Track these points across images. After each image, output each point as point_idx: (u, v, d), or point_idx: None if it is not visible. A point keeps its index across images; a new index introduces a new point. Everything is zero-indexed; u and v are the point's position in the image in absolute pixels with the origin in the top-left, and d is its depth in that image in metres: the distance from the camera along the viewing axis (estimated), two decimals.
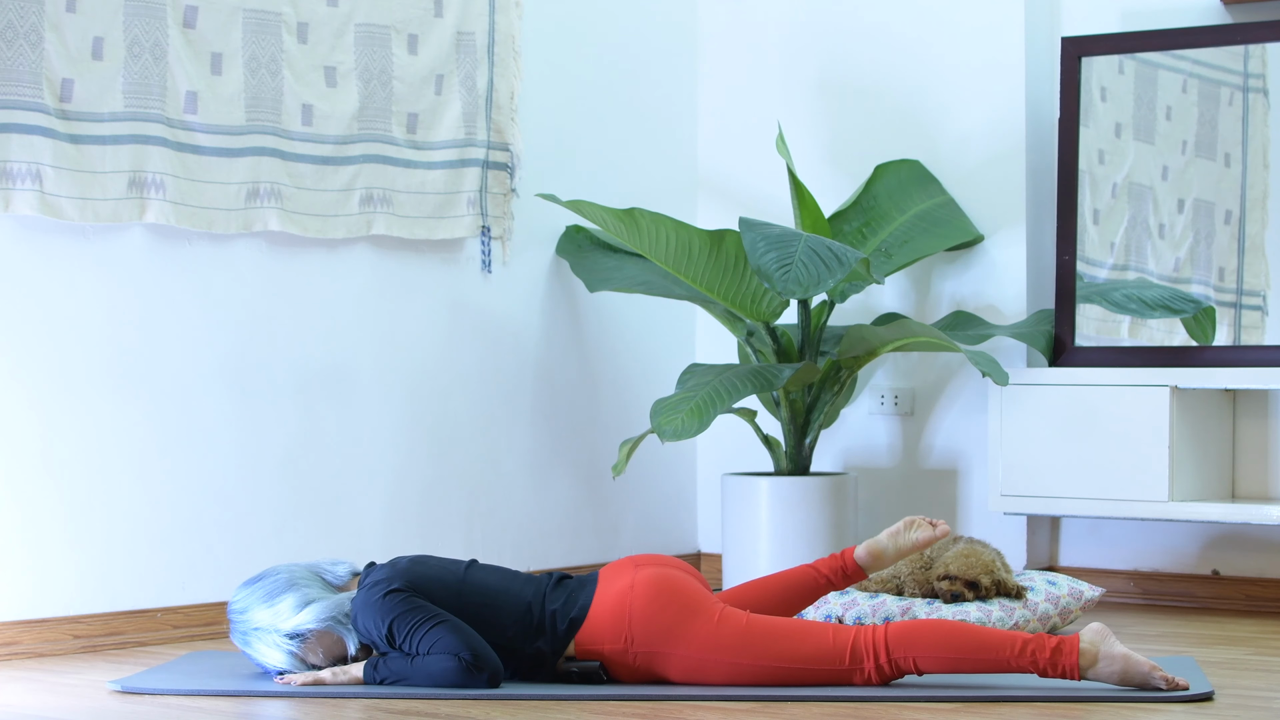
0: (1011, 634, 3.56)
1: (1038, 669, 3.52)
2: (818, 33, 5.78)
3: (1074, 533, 5.44)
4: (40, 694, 3.75)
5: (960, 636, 3.57)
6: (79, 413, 4.37)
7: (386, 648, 3.67)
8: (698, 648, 3.64)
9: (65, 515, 4.34)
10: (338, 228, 4.86)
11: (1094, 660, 3.53)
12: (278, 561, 4.74)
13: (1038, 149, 5.45)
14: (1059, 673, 3.52)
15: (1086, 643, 3.53)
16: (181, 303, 4.58)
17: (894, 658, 3.58)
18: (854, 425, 5.69)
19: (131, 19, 4.41)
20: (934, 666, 3.58)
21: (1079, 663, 3.51)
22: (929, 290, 5.58)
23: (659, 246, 5.12)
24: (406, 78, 5.00)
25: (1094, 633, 3.55)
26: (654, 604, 3.67)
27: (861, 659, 3.59)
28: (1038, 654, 3.52)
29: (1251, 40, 5.14)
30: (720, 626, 3.65)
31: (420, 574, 3.72)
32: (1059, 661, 3.51)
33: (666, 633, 3.65)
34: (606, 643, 3.67)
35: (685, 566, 3.82)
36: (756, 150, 5.82)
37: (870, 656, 3.59)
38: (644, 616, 3.66)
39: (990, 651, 3.54)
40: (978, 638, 3.56)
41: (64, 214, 4.30)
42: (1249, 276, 5.18)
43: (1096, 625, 3.57)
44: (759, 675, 3.63)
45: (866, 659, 3.59)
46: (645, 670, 3.68)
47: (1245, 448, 5.19)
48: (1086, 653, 3.52)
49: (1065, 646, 3.52)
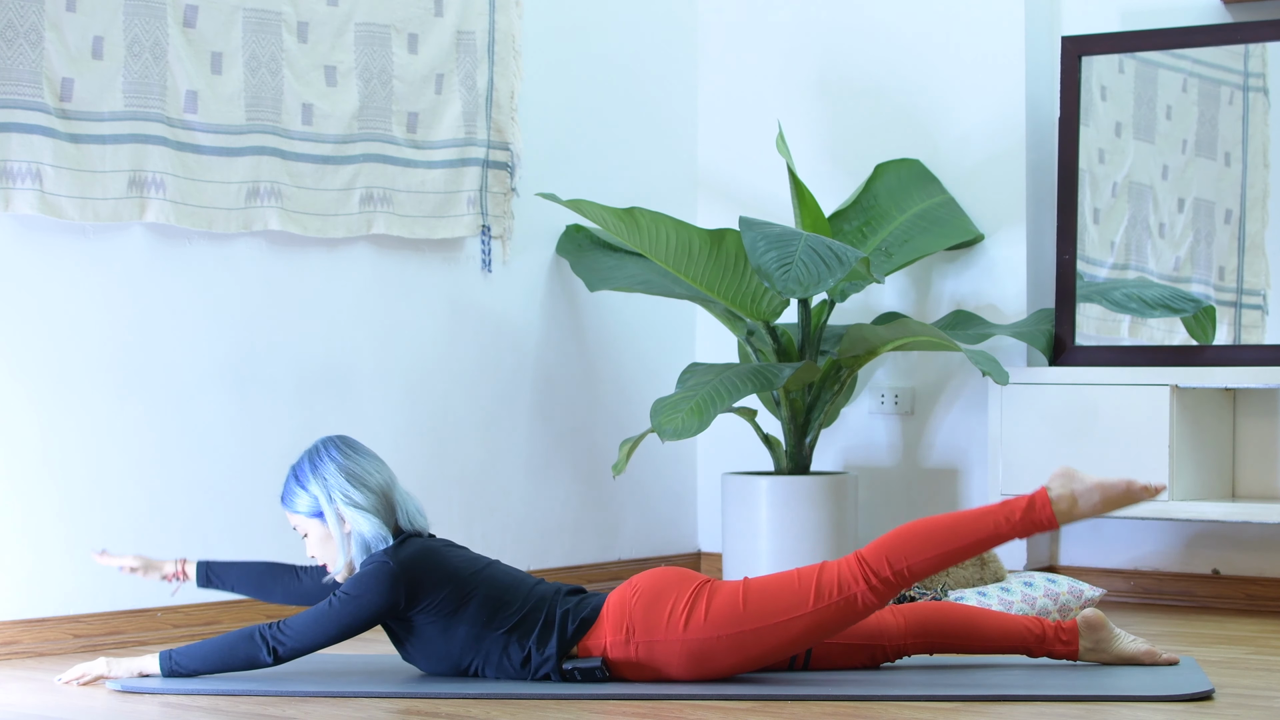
0: (982, 512, 3.61)
1: (1018, 532, 3.59)
2: (818, 31, 5.78)
3: (1074, 532, 5.43)
4: (40, 693, 3.75)
5: (938, 532, 3.62)
6: (79, 412, 4.37)
7: None
8: (697, 628, 3.63)
9: (65, 514, 4.34)
10: (338, 227, 4.86)
11: (1073, 502, 3.58)
12: (276, 559, 4.75)
13: (1038, 148, 5.45)
14: (1040, 526, 3.58)
15: (1055, 490, 3.59)
16: (181, 302, 4.58)
17: (882, 575, 3.61)
18: (854, 424, 5.69)
19: (131, 18, 4.41)
20: (926, 569, 3.63)
21: (1053, 511, 3.58)
22: (929, 289, 5.58)
23: (659, 246, 5.12)
24: (407, 77, 5.00)
25: (1058, 479, 3.61)
26: (651, 590, 3.67)
27: (850, 585, 3.61)
28: (1011, 519, 3.58)
29: (1252, 39, 5.14)
30: (714, 599, 3.65)
31: (429, 562, 3.71)
32: (1034, 517, 3.58)
33: (666, 619, 3.64)
34: (609, 635, 3.66)
35: None
36: (756, 149, 5.81)
37: (860, 580, 3.61)
38: (644, 604, 3.65)
39: (968, 536, 3.60)
40: (953, 527, 3.61)
41: (64, 213, 4.30)
42: (1249, 275, 5.18)
43: (1057, 470, 3.61)
44: (764, 643, 3.63)
45: (855, 584, 3.61)
46: (648, 663, 3.66)
47: (1245, 447, 5.19)
48: (1061, 498, 3.58)
49: (1036, 501, 3.58)
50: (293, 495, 3.78)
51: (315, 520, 3.76)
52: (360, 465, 3.77)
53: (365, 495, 3.74)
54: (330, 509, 3.73)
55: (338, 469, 3.74)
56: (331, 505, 3.73)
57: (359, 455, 3.78)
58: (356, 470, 3.75)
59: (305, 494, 3.76)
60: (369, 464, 3.78)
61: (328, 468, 3.74)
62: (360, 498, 3.73)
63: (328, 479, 3.74)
